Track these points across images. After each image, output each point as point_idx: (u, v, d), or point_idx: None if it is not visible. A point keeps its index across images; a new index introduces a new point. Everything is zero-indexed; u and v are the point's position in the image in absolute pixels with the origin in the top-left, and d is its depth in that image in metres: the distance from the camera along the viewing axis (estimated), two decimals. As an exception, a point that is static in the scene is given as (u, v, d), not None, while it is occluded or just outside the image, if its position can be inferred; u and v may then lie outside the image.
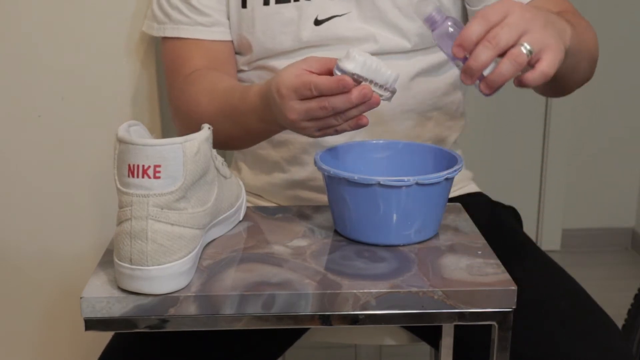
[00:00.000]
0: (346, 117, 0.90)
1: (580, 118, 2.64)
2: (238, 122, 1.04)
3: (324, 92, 0.87)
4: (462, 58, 0.84)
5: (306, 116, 0.90)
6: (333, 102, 0.88)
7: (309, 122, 0.91)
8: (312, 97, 0.89)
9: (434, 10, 0.89)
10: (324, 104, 0.88)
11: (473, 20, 0.82)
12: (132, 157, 0.76)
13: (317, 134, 0.94)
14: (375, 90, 0.89)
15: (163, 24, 1.18)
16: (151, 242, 0.77)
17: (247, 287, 0.80)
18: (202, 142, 0.80)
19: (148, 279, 0.77)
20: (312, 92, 0.88)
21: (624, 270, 2.63)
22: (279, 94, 0.91)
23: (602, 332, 0.99)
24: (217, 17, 1.16)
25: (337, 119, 0.90)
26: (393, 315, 0.81)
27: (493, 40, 0.81)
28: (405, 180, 0.87)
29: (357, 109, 0.89)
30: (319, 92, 0.88)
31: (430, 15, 0.89)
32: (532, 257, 1.12)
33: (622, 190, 2.74)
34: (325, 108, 0.88)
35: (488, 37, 0.81)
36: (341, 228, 0.95)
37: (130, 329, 0.79)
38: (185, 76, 1.15)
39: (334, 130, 0.92)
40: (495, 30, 0.81)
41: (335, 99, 0.87)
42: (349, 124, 0.91)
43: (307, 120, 0.91)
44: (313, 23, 1.13)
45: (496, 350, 0.83)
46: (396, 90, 0.92)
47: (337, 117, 0.90)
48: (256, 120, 1.01)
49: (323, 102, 0.88)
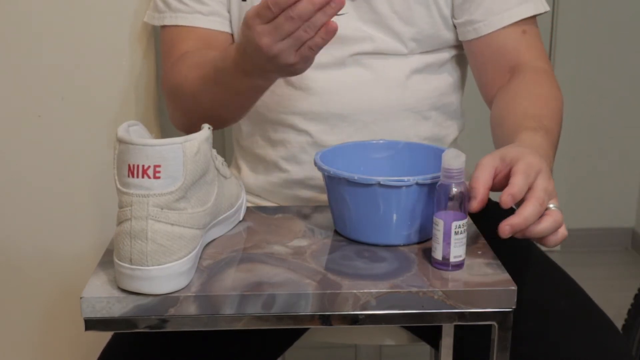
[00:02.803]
0: (314, 26, 0.88)
1: (580, 118, 2.64)
2: (223, 83, 1.03)
3: (282, 5, 0.87)
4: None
5: (276, 35, 0.88)
6: (297, 11, 0.86)
7: (281, 42, 0.89)
8: (276, 16, 0.88)
9: (459, 165, 0.84)
10: (289, 14, 0.87)
11: (519, 175, 0.84)
12: (132, 157, 0.76)
13: (295, 59, 0.91)
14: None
15: (163, 12, 1.18)
16: (151, 242, 0.77)
17: (247, 287, 0.80)
18: (202, 142, 0.80)
19: (148, 279, 0.77)
20: (272, 9, 0.87)
21: (624, 270, 2.63)
22: (247, 26, 0.90)
23: (601, 333, 0.99)
24: (217, 7, 1.16)
25: (307, 30, 0.88)
26: (393, 315, 0.81)
27: (541, 200, 0.85)
28: (405, 180, 0.87)
29: (322, 12, 0.87)
30: (279, 7, 0.87)
31: (452, 169, 0.84)
32: (532, 258, 1.12)
33: (622, 190, 2.74)
34: (292, 18, 0.87)
35: (536, 197, 0.84)
36: (341, 228, 0.95)
37: (130, 329, 0.79)
38: (177, 57, 1.15)
39: (309, 48, 0.90)
40: (538, 191, 0.85)
41: (298, 6, 0.86)
42: (320, 34, 0.89)
43: (279, 40, 0.89)
44: None
45: (496, 350, 0.83)
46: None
47: (307, 29, 0.88)
48: (240, 75, 0.99)
49: (288, 13, 0.87)
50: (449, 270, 0.84)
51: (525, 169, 0.85)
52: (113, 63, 1.29)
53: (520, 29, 1.15)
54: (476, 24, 1.14)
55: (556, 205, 0.87)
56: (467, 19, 1.15)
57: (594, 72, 2.61)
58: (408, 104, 1.16)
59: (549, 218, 0.85)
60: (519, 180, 0.83)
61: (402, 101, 1.15)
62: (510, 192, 0.83)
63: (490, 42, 1.15)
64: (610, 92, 2.64)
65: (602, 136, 2.68)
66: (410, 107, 1.17)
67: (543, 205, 0.84)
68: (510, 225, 0.82)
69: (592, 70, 2.60)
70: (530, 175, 0.85)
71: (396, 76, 1.15)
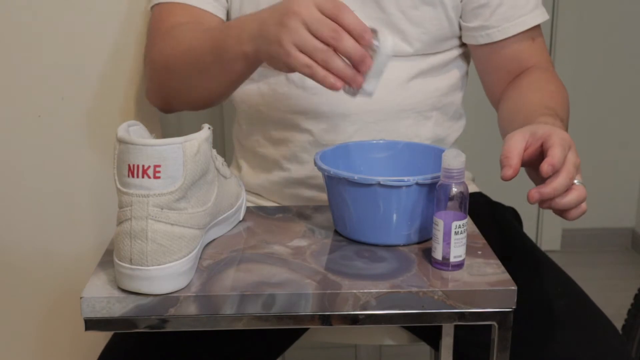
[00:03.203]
0: (331, 58, 0.87)
1: (580, 118, 2.64)
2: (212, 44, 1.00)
3: (345, 19, 0.86)
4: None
5: (310, 23, 0.86)
6: (343, 35, 0.86)
7: (305, 32, 0.87)
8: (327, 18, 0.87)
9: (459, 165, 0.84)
10: (333, 26, 0.86)
11: (557, 147, 0.85)
12: (132, 157, 0.76)
13: (300, 58, 0.88)
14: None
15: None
16: (151, 242, 0.77)
17: (247, 287, 0.80)
18: (202, 142, 0.80)
19: (148, 279, 0.77)
20: (333, 7, 0.86)
21: (624, 270, 2.63)
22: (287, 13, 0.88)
23: (600, 333, 0.99)
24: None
25: (326, 53, 0.87)
26: (393, 315, 0.81)
27: (571, 175, 0.86)
28: (406, 180, 0.87)
29: (346, 62, 0.87)
30: (340, 13, 0.86)
31: (453, 169, 0.84)
32: (531, 258, 1.12)
33: (622, 190, 2.74)
34: (334, 30, 0.86)
35: (567, 170, 0.86)
36: (341, 228, 0.95)
37: (130, 329, 0.79)
38: (166, 29, 1.12)
39: (316, 65, 0.87)
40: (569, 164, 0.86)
41: (347, 36, 0.86)
42: (329, 70, 0.87)
43: (306, 28, 0.87)
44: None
45: (496, 350, 0.83)
46: (369, 95, 0.91)
47: (328, 52, 0.87)
48: (235, 41, 0.96)
49: (334, 26, 0.86)
50: (449, 270, 0.84)
51: (561, 142, 0.86)
52: (113, 63, 1.29)
53: (530, 35, 1.17)
54: (489, 30, 1.15)
55: (580, 181, 0.88)
56: (481, 24, 1.15)
57: (594, 72, 2.61)
58: (409, 104, 1.16)
59: (575, 192, 0.87)
60: (557, 152, 0.85)
61: (403, 101, 1.15)
62: (551, 163, 0.84)
63: (501, 48, 1.17)
64: (610, 92, 2.64)
65: (602, 136, 2.68)
66: (411, 108, 1.17)
67: (572, 179, 0.86)
68: (540, 193, 0.84)
69: (592, 70, 2.60)
70: (565, 148, 0.86)
71: (399, 77, 1.15)
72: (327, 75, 0.87)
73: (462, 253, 0.85)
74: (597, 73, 2.62)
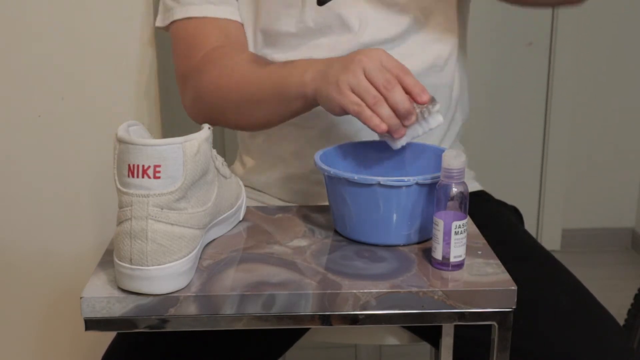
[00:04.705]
0: (380, 103, 0.91)
1: (581, 118, 2.64)
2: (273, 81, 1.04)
3: (405, 78, 0.92)
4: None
5: (369, 70, 0.92)
6: (396, 87, 0.91)
7: (362, 76, 0.92)
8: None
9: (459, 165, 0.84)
10: (389, 77, 0.91)
11: None
12: (132, 157, 0.76)
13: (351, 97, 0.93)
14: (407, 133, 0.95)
15: (171, 9, 1.17)
16: (151, 242, 0.77)
17: (247, 287, 0.80)
18: (202, 141, 0.80)
19: (148, 279, 0.77)
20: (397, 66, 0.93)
21: (624, 270, 2.63)
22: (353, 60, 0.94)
23: (603, 329, 0.99)
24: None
25: (376, 97, 0.91)
26: (393, 315, 0.81)
27: None
28: (406, 180, 0.87)
29: (390, 111, 0.91)
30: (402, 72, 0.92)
31: (453, 169, 0.84)
32: (534, 255, 1.12)
33: (622, 190, 2.74)
34: (388, 81, 0.91)
35: None
36: (341, 228, 0.95)
37: (131, 329, 0.79)
38: (207, 54, 1.13)
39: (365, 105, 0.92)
40: None
41: (400, 89, 0.91)
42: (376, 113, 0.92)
43: (365, 74, 0.92)
44: (316, 3, 1.13)
45: (496, 350, 0.83)
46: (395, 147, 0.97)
47: (378, 97, 0.91)
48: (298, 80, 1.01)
49: (390, 77, 0.92)
50: (449, 270, 0.84)
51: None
52: (113, 63, 1.29)
53: None
54: None
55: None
56: None
57: (594, 72, 2.61)
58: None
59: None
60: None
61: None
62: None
63: None
64: (611, 92, 2.64)
65: (602, 136, 2.68)
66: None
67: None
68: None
69: (592, 70, 2.60)
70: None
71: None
72: (373, 116, 0.92)
73: (462, 253, 0.85)
74: (597, 73, 2.62)
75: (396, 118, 0.92)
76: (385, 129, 0.92)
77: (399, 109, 0.91)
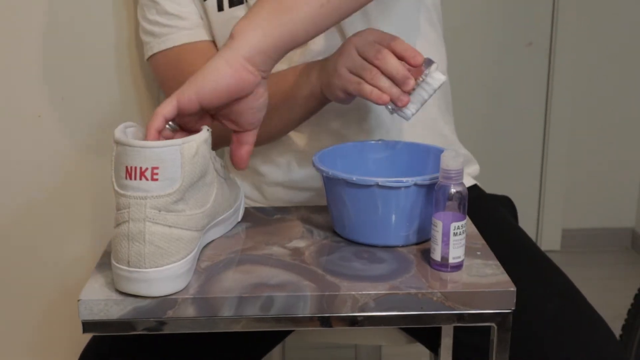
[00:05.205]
0: (378, 76, 0.93)
1: (580, 118, 2.64)
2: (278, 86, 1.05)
3: (397, 45, 0.93)
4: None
5: (360, 46, 0.95)
6: (387, 56, 0.93)
7: (355, 54, 0.95)
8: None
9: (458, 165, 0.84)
10: (379, 48, 0.94)
11: None
12: (130, 159, 0.76)
13: (350, 77, 0.96)
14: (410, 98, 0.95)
15: (149, 43, 1.16)
16: (149, 244, 0.76)
17: (246, 289, 0.80)
18: (200, 143, 0.79)
19: (146, 281, 0.77)
20: (387, 36, 0.95)
21: (624, 270, 2.63)
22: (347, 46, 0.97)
23: (596, 337, 0.97)
24: (196, 18, 1.14)
25: (373, 71, 0.94)
26: (392, 317, 0.81)
27: None
28: (404, 181, 0.87)
29: (389, 80, 0.93)
30: (392, 40, 0.94)
31: (451, 170, 0.84)
32: (530, 258, 1.10)
33: (622, 190, 2.74)
34: (379, 51, 0.93)
35: None
36: (340, 229, 0.95)
37: (128, 332, 0.79)
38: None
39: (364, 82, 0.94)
40: None
41: (391, 57, 0.93)
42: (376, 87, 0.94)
43: (357, 52, 0.95)
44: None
45: (495, 351, 0.83)
46: (407, 117, 0.97)
47: (374, 70, 0.94)
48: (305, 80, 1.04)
49: (380, 47, 0.94)
50: (448, 271, 0.84)
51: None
52: (113, 63, 1.29)
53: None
54: None
55: None
56: None
57: (594, 72, 2.61)
58: None
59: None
60: None
61: None
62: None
63: None
64: (611, 92, 2.63)
65: (602, 136, 2.68)
66: None
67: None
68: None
69: (592, 70, 2.60)
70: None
71: None
72: (374, 89, 0.94)
73: (461, 254, 0.84)
74: (597, 73, 2.62)
75: (396, 87, 0.94)
76: (387, 99, 0.94)
77: (395, 76, 0.93)
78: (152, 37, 1.15)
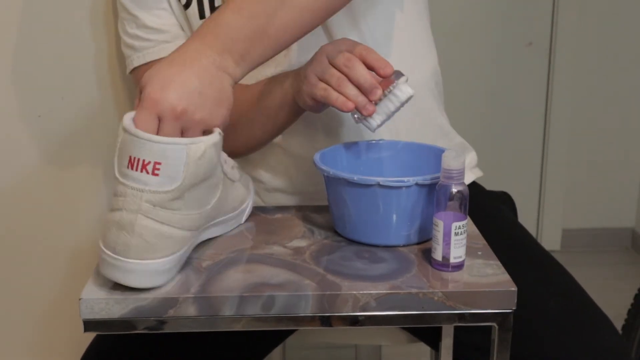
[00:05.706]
0: (344, 83, 0.93)
1: (580, 118, 2.64)
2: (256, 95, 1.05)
3: (368, 56, 0.93)
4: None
5: (331, 55, 0.95)
6: (356, 64, 0.93)
7: (325, 62, 0.95)
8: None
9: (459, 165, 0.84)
10: (348, 56, 0.93)
11: None
12: (135, 150, 0.75)
13: (318, 84, 0.95)
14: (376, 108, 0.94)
15: (130, 57, 1.15)
16: (137, 236, 0.76)
17: (247, 288, 0.80)
18: (209, 146, 0.78)
19: (127, 271, 0.77)
20: (359, 47, 0.94)
21: (624, 270, 2.63)
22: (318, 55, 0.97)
23: (600, 333, 0.98)
24: (176, 30, 1.13)
25: (340, 79, 0.93)
26: (393, 317, 0.81)
27: None
28: (405, 180, 0.87)
29: (356, 88, 0.93)
30: (365, 50, 0.93)
31: (452, 170, 0.84)
32: (533, 256, 1.10)
33: (622, 190, 2.74)
34: (348, 59, 0.93)
35: None
36: (341, 228, 0.95)
37: (129, 331, 0.79)
38: None
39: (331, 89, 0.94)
40: None
41: (360, 66, 0.93)
42: (343, 94, 0.93)
43: (328, 60, 0.95)
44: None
45: (496, 351, 0.83)
46: (372, 128, 0.96)
47: (342, 78, 0.93)
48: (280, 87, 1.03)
49: (349, 56, 0.93)
50: (449, 271, 0.84)
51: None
52: (113, 63, 1.29)
53: None
54: None
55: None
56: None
57: (594, 72, 2.61)
58: None
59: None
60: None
61: None
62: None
63: None
64: (611, 92, 2.63)
65: (602, 136, 2.68)
66: None
67: None
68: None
69: (592, 70, 2.60)
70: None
71: None
72: (339, 96, 0.93)
73: (462, 254, 0.84)
74: (597, 73, 2.62)
75: (363, 96, 0.93)
76: (352, 107, 0.93)
77: (362, 84, 0.93)
78: (133, 50, 1.14)
